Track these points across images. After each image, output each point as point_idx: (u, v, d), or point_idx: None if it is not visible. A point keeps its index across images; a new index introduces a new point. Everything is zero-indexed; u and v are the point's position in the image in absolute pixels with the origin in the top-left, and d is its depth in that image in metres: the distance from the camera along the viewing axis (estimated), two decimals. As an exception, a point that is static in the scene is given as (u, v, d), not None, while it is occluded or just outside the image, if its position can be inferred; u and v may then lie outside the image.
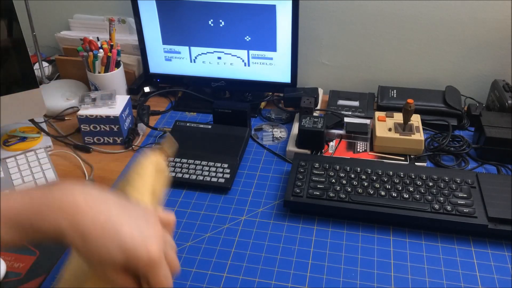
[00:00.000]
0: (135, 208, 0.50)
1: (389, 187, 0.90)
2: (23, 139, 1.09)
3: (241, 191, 0.97)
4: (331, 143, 1.07)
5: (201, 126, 1.10)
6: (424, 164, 1.00)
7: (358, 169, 0.94)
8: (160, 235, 0.49)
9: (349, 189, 0.89)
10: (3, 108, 1.00)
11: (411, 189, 0.89)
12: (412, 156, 1.02)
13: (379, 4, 1.18)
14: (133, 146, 1.11)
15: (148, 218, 0.50)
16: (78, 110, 1.09)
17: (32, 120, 1.11)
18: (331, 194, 0.88)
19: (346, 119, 1.12)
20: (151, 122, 1.20)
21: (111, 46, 1.19)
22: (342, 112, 1.16)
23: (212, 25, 1.17)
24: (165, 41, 1.22)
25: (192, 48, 1.22)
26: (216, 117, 1.11)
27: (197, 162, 1.01)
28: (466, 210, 0.85)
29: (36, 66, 1.25)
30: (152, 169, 0.67)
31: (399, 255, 0.82)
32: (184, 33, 1.19)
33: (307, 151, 1.03)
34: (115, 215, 0.47)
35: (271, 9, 1.11)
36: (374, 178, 0.92)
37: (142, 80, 1.30)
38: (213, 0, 1.13)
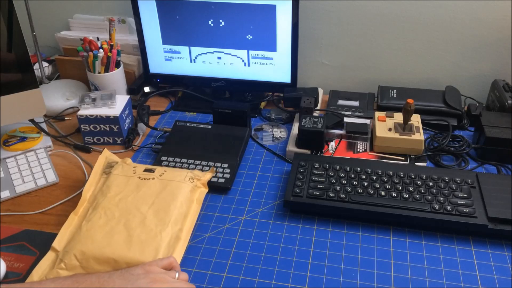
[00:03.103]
0: (133, 272, 0.69)
1: (389, 187, 0.90)
2: (23, 139, 1.09)
3: (241, 191, 0.97)
4: (331, 143, 1.07)
5: (201, 126, 1.10)
6: (424, 164, 1.00)
7: (358, 169, 0.94)
8: (158, 277, 0.69)
9: (349, 189, 0.89)
10: (3, 108, 1.00)
11: (411, 189, 0.89)
12: (412, 156, 1.02)
13: (379, 4, 1.18)
14: (133, 146, 1.11)
15: (148, 271, 0.70)
16: (78, 110, 1.09)
17: (32, 120, 1.11)
18: (331, 194, 0.88)
19: (346, 119, 1.12)
20: (151, 122, 1.20)
21: (111, 46, 1.19)
22: (342, 112, 1.16)
23: (212, 25, 1.17)
24: (165, 41, 1.22)
25: (192, 48, 1.22)
26: (216, 117, 1.11)
27: (197, 162, 1.01)
28: (466, 210, 0.85)
29: (36, 66, 1.25)
30: (196, 205, 0.88)
31: (399, 255, 0.82)
32: (184, 33, 1.19)
33: (307, 151, 1.03)
34: (117, 284, 0.67)
35: (271, 9, 1.11)
36: (374, 178, 0.92)
37: (142, 80, 1.30)
38: (213, 0, 1.13)
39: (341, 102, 1.21)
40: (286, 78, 1.21)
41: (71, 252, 0.77)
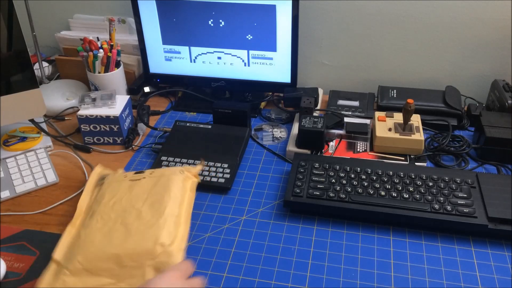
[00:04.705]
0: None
1: (389, 187, 0.90)
2: (23, 139, 1.09)
3: (241, 191, 0.97)
4: (331, 143, 1.07)
5: (201, 126, 1.10)
6: (424, 164, 1.00)
7: (358, 169, 0.94)
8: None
9: (349, 189, 0.89)
10: (3, 108, 1.00)
11: (411, 189, 0.89)
12: (412, 156, 1.02)
13: (379, 4, 1.18)
14: (133, 146, 1.11)
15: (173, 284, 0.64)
16: (78, 110, 1.09)
17: (32, 120, 1.11)
18: (331, 194, 0.88)
19: (346, 119, 1.12)
20: (151, 122, 1.20)
21: (111, 46, 1.19)
22: (342, 112, 1.16)
23: (212, 25, 1.17)
24: (165, 41, 1.22)
25: (192, 48, 1.22)
26: (216, 117, 1.11)
27: (197, 162, 1.01)
28: (466, 210, 0.85)
29: (36, 66, 1.25)
30: (190, 193, 0.88)
31: (399, 255, 0.82)
32: (184, 33, 1.19)
33: (307, 151, 1.03)
34: None
35: (271, 9, 1.11)
36: (374, 178, 0.92)
37: (142, 80, 1.30)
38: (213, 0, 1.13)
39: (341, 102, 1.21)
40: (286, 78, 1.21)
41: (74, 259, 0.76)
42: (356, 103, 1.20)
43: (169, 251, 0.75)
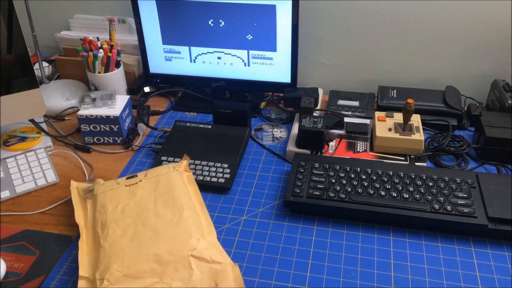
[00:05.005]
0: None
1: (389, 187, 0.90)
2: (23, 139, 1.09)
3: (241, 191, 0.97)
4: (331, 143, 1.07)
5: (201, 126, 1.10)
6: (424, 164, 1.00)
7: (358, 169, 0.94)
8: None
9: (349, 189, 0.89)
10: (3, 108, 1.00)
11: (411, 189, 0.89)
12: (412, 156, 1.02)
13: (379, 4, 1.19)
14: (133, 146, 1.11)
15: None
16: (78, 110, 1.09)
17: (32, 120, 1.11)
18: (331, 194, 0.88)
19: (346, 119, 1.12)
20: (151, 122, 1.20)
21: (111, 46, 1.19)
22: (342, 112, 1.16)
23: (212, 25, 1.17)
24: (165, 41, 1.22)
25: (192, 48, 1.22)
26: (216, 117, 1.11)
27: (197, 162, 1.01)
28: (466, 210, 0.85)
29: (36, 66, 1.25)
30: (191, 186, 0.90)
31: (399, 255, 0.82)
32: (184, 33, 1.19)
33: (307, 151, 1.03)
34: None
35: (271, 9, 1.11)
36: (374, 178, 0.92)
37: (142, 80, 1.30)
38: (213, 0, 1.13)
39: (341, 102, 1.21)
40: (286, 78, 1.21)
41: (110, 268, 0.74)
42: (356, 103, 1.20)
43: (206, 241, 0.77)
